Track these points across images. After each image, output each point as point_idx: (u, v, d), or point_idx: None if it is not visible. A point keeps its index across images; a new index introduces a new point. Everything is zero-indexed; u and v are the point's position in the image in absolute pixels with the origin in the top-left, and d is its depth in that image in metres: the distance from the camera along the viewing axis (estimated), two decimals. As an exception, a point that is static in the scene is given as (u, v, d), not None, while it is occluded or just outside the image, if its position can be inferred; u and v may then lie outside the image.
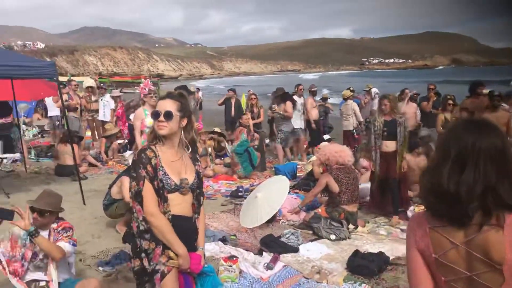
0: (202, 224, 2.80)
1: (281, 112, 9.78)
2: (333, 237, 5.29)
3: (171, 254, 2.52)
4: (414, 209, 6.22)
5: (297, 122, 10.31)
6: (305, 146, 11.10)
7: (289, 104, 9.73)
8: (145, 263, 2.51)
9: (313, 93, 11.19)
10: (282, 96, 9.99)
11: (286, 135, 9.89)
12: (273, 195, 5.84)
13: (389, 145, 5.96)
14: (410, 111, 9.13)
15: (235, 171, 8.95)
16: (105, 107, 11.60)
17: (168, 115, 2.52)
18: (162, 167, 2.53)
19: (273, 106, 10.05)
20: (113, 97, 12.07)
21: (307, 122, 10.69)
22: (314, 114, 10.73)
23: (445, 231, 1.54)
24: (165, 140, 2.58)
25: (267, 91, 12.10)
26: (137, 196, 2.50)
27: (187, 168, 2.62)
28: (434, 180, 1.54)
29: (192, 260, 2.59)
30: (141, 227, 2.49)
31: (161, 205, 2.52)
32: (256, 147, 9.17)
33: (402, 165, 5.92)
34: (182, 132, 2.61)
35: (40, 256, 3.44)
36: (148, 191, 2.48)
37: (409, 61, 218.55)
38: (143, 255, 2.51)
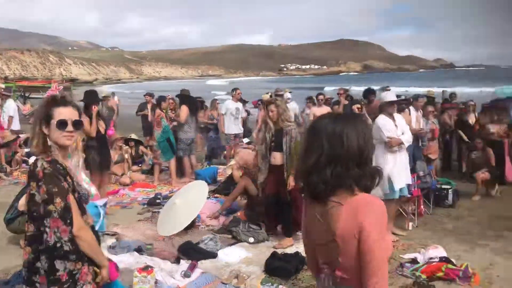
0: None
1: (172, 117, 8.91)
2: (251, 239, 5.29)
3: (96, 269, 2.34)
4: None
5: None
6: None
7: (184, 108, 8.62)
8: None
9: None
10: (181, 98, 9.02)
11: (185, 143, 8.77)
12: (191, 201, 5.72)
13: (277, 157, 5.15)
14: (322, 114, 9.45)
15: (157, 158, 8.63)
16: (4, 114, 10.67)
17: (78, 124, 2.31)
18: (72, 177, 2.29)
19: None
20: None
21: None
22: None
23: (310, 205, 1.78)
24: (60, 149, 2.28)
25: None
26: (66, 213, 2.17)
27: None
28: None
29: (110, 269, 2.44)
30: (66, 248, 2.18)
31: (81, 218, 2.30)
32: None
33: (289, 182, 5.00)
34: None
35: None
36: (74, 204, 2.22)
37: (325, 67, 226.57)
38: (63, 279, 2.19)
